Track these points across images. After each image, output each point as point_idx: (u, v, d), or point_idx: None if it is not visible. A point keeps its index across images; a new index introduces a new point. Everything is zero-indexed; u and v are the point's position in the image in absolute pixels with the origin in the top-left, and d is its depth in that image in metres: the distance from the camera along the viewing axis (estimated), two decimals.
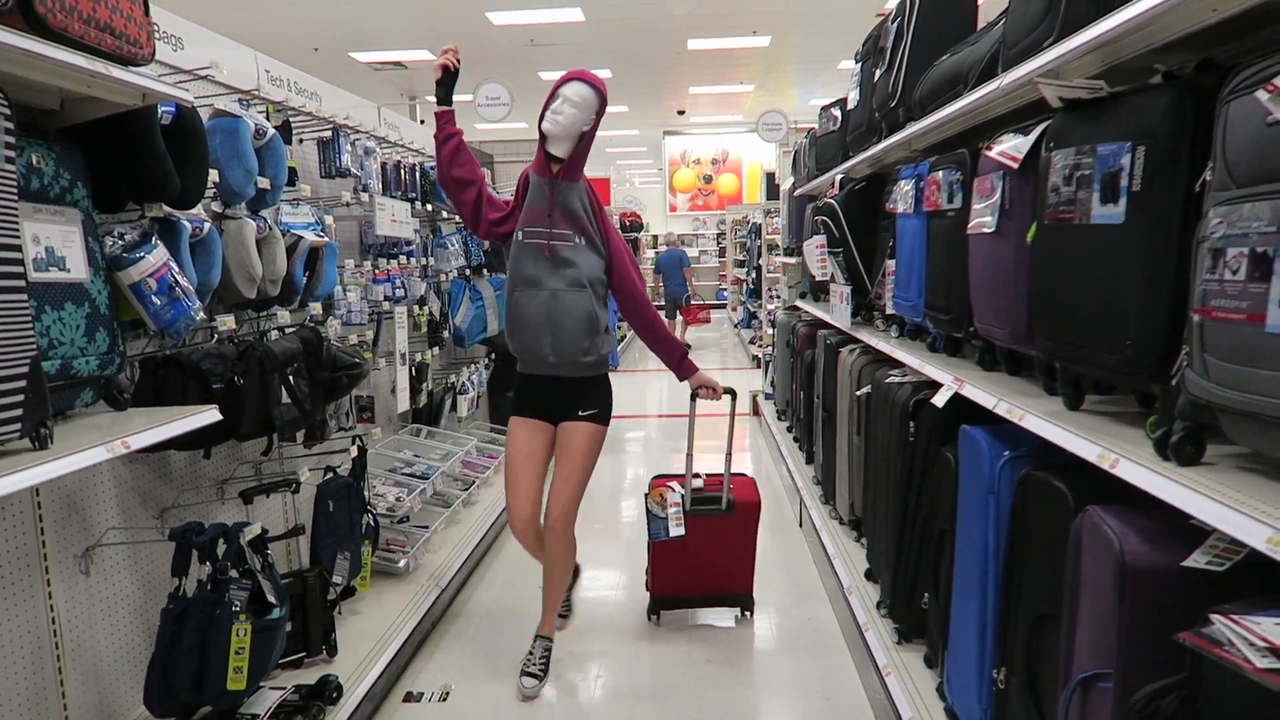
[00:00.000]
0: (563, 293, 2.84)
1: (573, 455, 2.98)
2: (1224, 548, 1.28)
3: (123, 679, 2.51)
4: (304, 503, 3.25)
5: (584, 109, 2.80)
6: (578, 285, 2.85)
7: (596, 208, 2.94)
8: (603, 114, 2.88)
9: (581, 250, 2.87)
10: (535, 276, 2.86)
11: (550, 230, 2.85)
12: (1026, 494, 1.88)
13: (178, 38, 2.74)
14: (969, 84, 2.39)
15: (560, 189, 2.86)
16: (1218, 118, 1.28)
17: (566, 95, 2.80)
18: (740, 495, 3.50)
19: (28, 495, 2.17)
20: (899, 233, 2.97)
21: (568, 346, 2.88)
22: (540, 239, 2.85)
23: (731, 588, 3.63)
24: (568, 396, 2.99)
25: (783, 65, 12.71)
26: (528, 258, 2.87)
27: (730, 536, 3.51)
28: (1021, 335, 2.01)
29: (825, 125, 4.69)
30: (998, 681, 1.99)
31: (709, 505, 3.43)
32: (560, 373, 2.95)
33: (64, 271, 1.88)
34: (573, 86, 2.80)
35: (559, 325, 2.85)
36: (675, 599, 3.62)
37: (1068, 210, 1.67)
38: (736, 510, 3.45)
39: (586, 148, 2.88)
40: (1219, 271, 1.21)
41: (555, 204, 2.85)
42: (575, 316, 2.85)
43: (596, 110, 2.84)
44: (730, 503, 3.45)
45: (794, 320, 5.64)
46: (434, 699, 3.05)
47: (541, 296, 2.85)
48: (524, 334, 2.91)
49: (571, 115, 2.79)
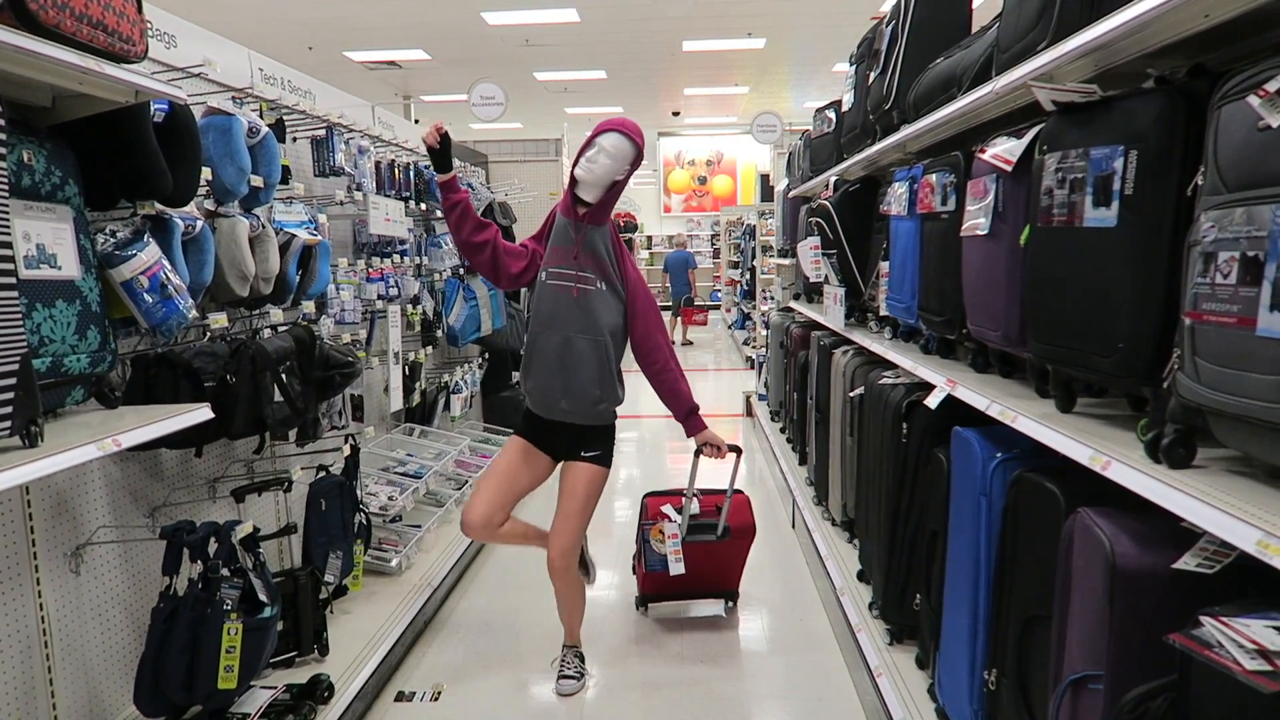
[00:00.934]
0: (579, 339, 2.84)
1: (574, 496, 2.94)
2: (1214, 550, 1.28)
3: (113, 678, 2.50)
4: (296, 501, 3.24)
5: (619, 160, 2.80)
6: (596, 332, 2.85)
7: (619, 252, 2.93)
8: (638, 165, 2.88)
9: (602, 295, 2.86)
10: (554, 318, 2.85)
11: (575, 273, 2.84)
12: (1018, 496, 1.89)
13: (171, 35, 2.73)
14: (963, 87, 2.39)
15: (585, 232, 2.85)
16: (1209, 122, 1.29)
17: (603, 146, 2.79)
18: (735, 519, 3.46)
19: (17, 494, 2.16)
20: (893, 235, 2.97)
21: (580, 395, 2.87)
22: (563, 280, 2.84)
23: (719, 587, 3.70)
24: (573, 438, 2.97)
25: (777, 67, 12.73)
26: (549, 298, 2.85)
27: (722, 558, 3.54)
28: (1014, 337, 2.02)
29: (820, 127, 4.70)
30: (989, 683, 2.00)
31: (705, 532, 3.41)
32: (571, 419, 2.93)
33: (55, 269, 1.87)
34: (610, 138, 2.79)
35: (573, 373, 2.85)
36: (662, 595, 3.67)
37: (1061, 213, 1.68)
38: (731, 535, 3.44)
39: (616, 195, 2.88)
40: (1210, 275, 1.22)
41: (580, 247, 2.84)
42: (589, 365, 2.85)
43: (631, 161, 2.84)
44: (726, 530, 3.42)
45: (788, 321, 5.65)
46: (426, 699, 3.04)
47: (557, 340, 2.84)
48: (539, 378, 2.89)
49: (606, 166, 2.79)
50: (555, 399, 2.88)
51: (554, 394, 2.87)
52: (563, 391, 2.86)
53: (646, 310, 2.94)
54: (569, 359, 2.83)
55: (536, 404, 2.95)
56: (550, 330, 2.85)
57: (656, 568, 3.39)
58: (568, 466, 2.98)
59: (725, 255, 15.80)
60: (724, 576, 3.64)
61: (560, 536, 2.94)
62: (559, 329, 2.84)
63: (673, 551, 3.33)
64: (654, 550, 3.40)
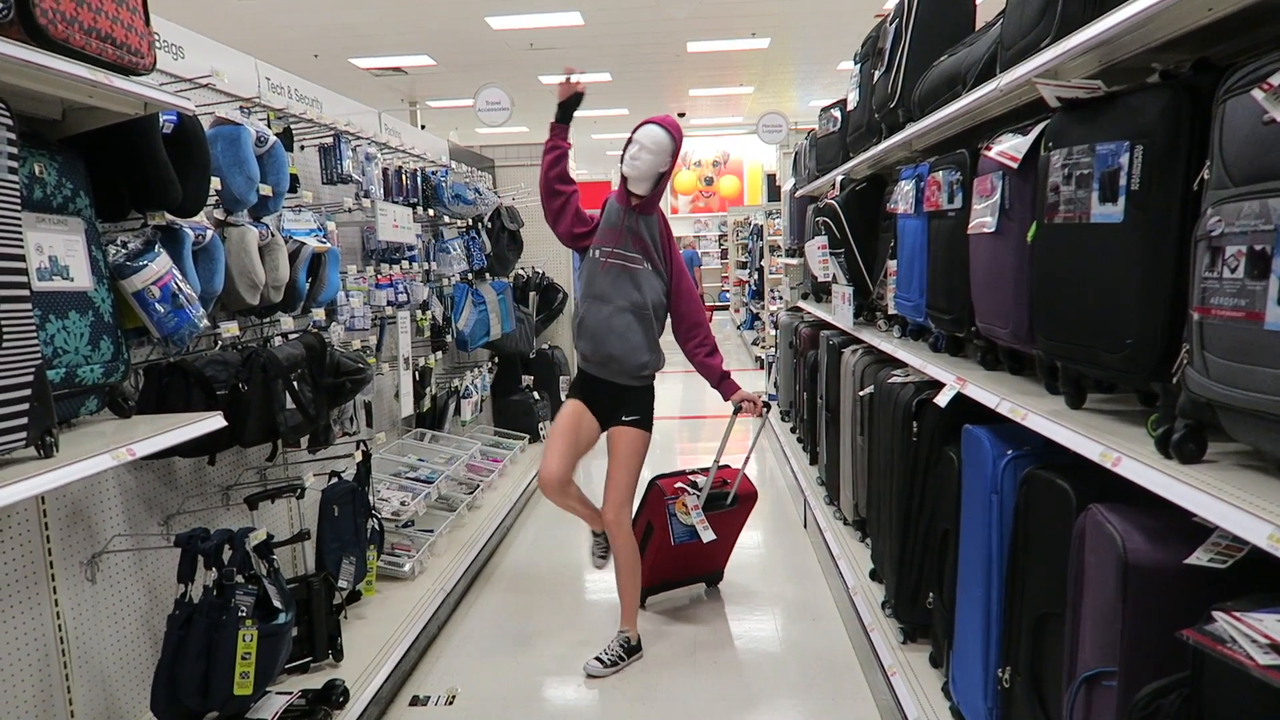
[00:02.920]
0: (626, 311, 3.15)
1: (620, 458, 3.23)
2: (1226, 545, 1.28)
3: (129, 686, 2.52)
4: (309, 508, 3.25)
5: (659, 153, 3.07)
6: (639, 306, 3.15)
7: (666, 239, 3.25)
8: (678, 154, 3.16)
9: (647, 274, 3.17)
10: (603, 292, 3.16)
11: (622, 252, 3.15)
12: (1029, 493, 1.89)
13: (179, 46, 2.75)
14: (968, 84, 2.39)
15: (636, 218, 3.16)
16: (1214, 117, 1.28)
17: (641, 141, 3.07)
18: (742, 488, 3.75)
19: (33, 503, 2.18)
20: (900, 233, 2.97)
21: (625, 358, 3.17)
22: (612, 259, 3.15)
23: (711, 568, 3.94)
24: (616, 400, 3.24)
25: (782, 67, 12.72)
26: (599, 274, 3.17)
27: (726, 526, 3.74)
28: (1023, 335, 2.01)
29: (825, 126, 4.70)
30: (1002, 680, 2.00)
31: (717, 501, 3.67)
32: (616, 379, 3.23)
33: (68, 280, 1.89)
34: (646, 131, 3.07)
35: (620, 339, 3.15)
36: (659, 585, 3.84)
37: (1067, 209, 1.67)
38: (739, 502, 3.74)
39: (664, 187, 3.18)
40: (1218, 269, 1.21)
41: (628, 230, 3.15)
42: (634, 332, 3.16)
43: (672, 153, 3.11)
44: (735, 496, 3.71)
45: (796, 321, 5.65)
46: (440, 702, 3.05)
47: (606, 311, 3.16)
48: (590, 342, 3.21)
49: (648, 160, 3.07)
50: (604, 360, 3.19)
51: (602, 356, 3.19)
52: (609, 355, 3.17)
53: (689, 291, 3.30)
54: (616, 326, 3.15)
55: (589, 362, 3.27)
56: (601, 302, 3.17)
57: (685, 539, 3.59)
58: (612, 432, 3.26)
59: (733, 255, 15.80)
60: (719, 554, 3.90)
61: (610, 494, 3.24)
62: (608, 300, 3.16)
63: (699, 521, 3.53)
64: (680, 523, 3.59)
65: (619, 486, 3.23)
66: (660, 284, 3.21)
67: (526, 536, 4.86)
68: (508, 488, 5.09)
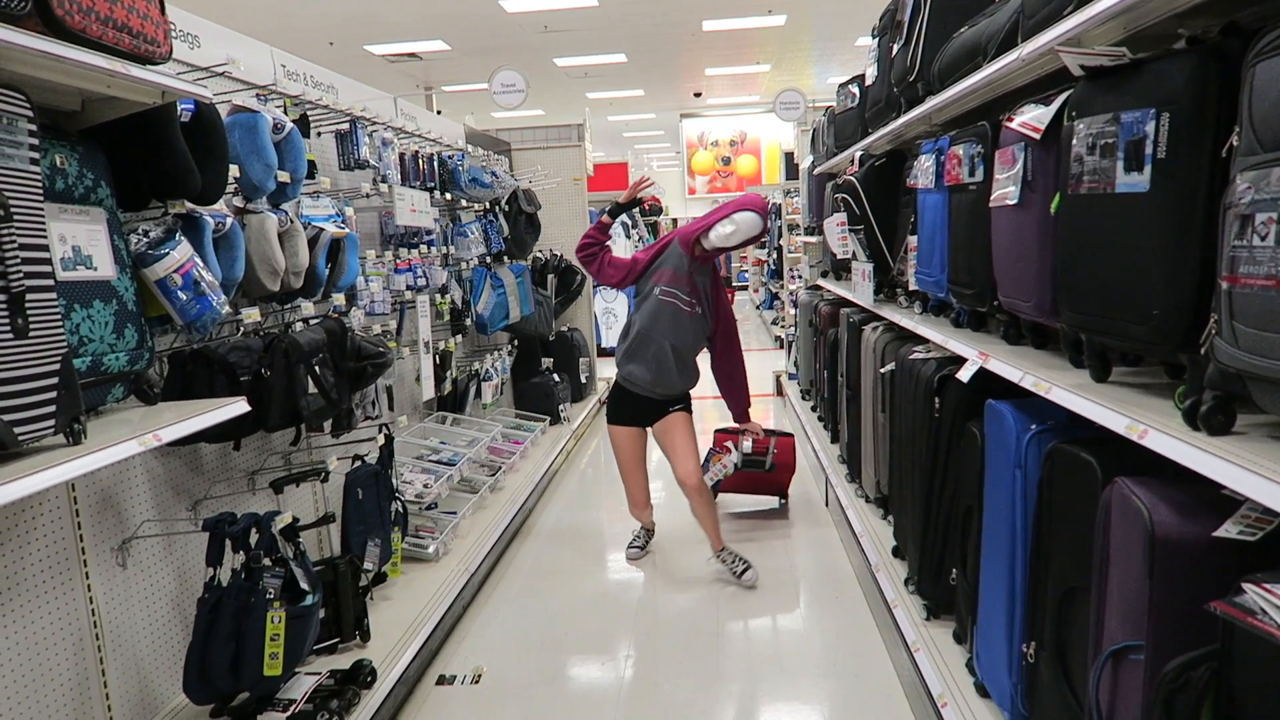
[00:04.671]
0: (679, 348, 3.63)
1: (678, 435, 3.76)
2: (1256, 517, 1.26)
3: (162, 668, 2.56)
4: (333, 491, 3.28)
5: (749, 233, 3.54)
6: (686, 344, 3.66)
7: (715, 288, 3.74)
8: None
9: (698, 319, 3.64)
10: (662, 329, 3.60)
11: (682, 295, 3.59)
12: (1054, 468, 1.87)
13: (194, 35, 2.76)
14: (988, 55, 2.35)
15: (696, 267, 3.65)
16: (1244, 82, 1.25)
17: (738, 225, 3.51)
18: (780, 459, 4.53)
19: (64, 490, 2.22)
20: (920, 208, 2.94)
21: (670, 384, 3.72)
22: (670, 299, 3.59)
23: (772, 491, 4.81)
24: (661, 408, 3.79)
25: (799, 44, 12.57)
26: (661, 310, 3.60)
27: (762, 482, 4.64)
28: (1046, 308, 1.99)
29: (843, 102, 4.64)
30: (1027, 656, 1.99)
31: (756, 463, 4.46)
32: (663, 397, 3.76)
33: (91, 270, 1.91)
34: (746, 218, 3.51)
35: (669, 370, 3.66)
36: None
37: (1092, 180, 1.65)
38: (777, 470, 4.54)
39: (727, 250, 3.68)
40: (1247, 237, 1.19)
41: (687, 276, 3.60)
42: (681, 365, 3.69)
43: (757, 235, 3.57)
44: (773, 464, 4.50)
45: (816, 299, 5.61)
46: (467, 681, 3.09)
47: (657, 347, 3.62)
48: (639, 367, 3.67)
49: (738, 240, 3.56)
50: (651, 385, 3.69)
51: (649, 382, 3.68)
52: (655, 382, 3.68)
53: (731, 333, 3.82)
54: (664, 360, 3.63)
55: (634, 384, 3.72)
56: (652, 337, 3.62)
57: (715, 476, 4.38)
58: (665, 421, 3.77)
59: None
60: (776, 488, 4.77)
61: (682, 464, 3.73)
62: (661, 337, 3.61)
63: (714, 474, 4.34)
64: (709, 468, 4.31)
65: (687, 457, 3.74)
66: (706, 325, 3.71)
67: (549, 518, 4.89)
68: (529, 470, 5.12)
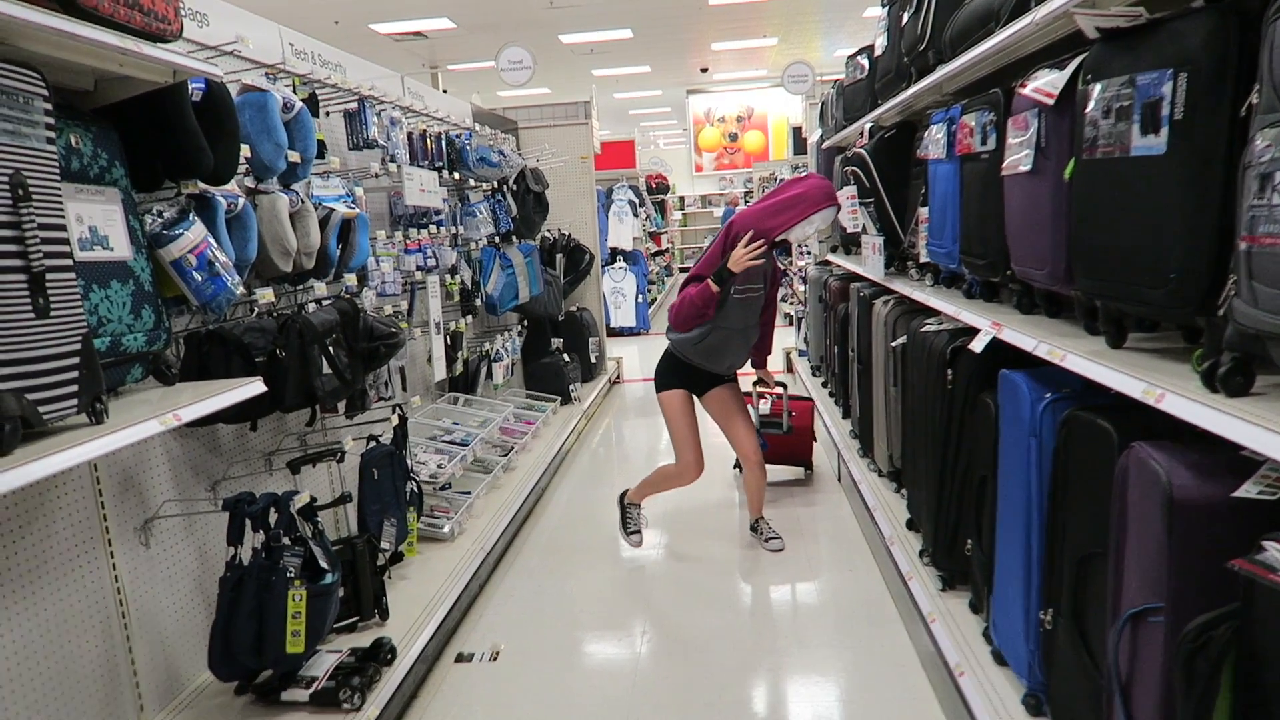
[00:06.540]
0: (746, 329, 3.70)
1: (738, 413, 3.85)
2: (1277, 477, 1.26)
3: (187, 645, 2.60)
4: (349, 472, 3.31)
5: (826, 225, 3.60)
6: (754, 323, 3.74)
7: (774, 266, 3.78)
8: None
9: (761, 296, 3.70)
10: (733, 322, 3.61)
11: (753, 285, 3.62)
12: (1070, 435, 1.87)
13: (203, 14, 2.75)
14: (1000, 21, 2.33)
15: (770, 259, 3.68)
16: (1264, 39, 1.24)
17: (817, 223, 3.52)
18: (799, 422, 4.68)
19: (87, 471, 2.24)
20: (931, 179, 2.92)
21: (735, 363, 3.82)
22: (744, 294, 3.60)
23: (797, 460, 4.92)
24: (719, 378, 3.83)
25: (806, 16, 12.44)
26: (735, 307, 3.59)
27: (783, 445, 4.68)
28: (1061, 276, 1.98)
29: (853, 74, 4.61)
30: (1045, 622, 2.00)
31: (774, 425, 4.49)
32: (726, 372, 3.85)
33: (108, 250, 1.92)
34: (826, 213, 3.50)
35: (738, 352, 3.76)
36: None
37: (1107, 144, 1.64)
38: (795, 433, 4.63)
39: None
40: (1267, 196, 1.18)
41: (760, 269, 3.56)
42: (747, 345, 3.79)
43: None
44: (790, 427, 4.56)
45: (826, 275, 5.60)
46: (485, 659, 3.12)
47: (734, 334, 3.66)
48: (718, 360, 3.71)
49: (817, 231, 3.64)
50: (720, 365, 3.76)
51: (724, 368, 3.79)
52: (730, 366, 3.81)
53: (775, 297, 3.88)
54: (734, 343, 3.71)
55: (701, 361, 3.72)
56: (733, 332, 3.65)
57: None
58: (712, 395, 3.83)
59: None
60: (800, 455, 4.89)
61: (747, 441, 3.84)
62: (741, 328, 3.67)
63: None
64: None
65: (751, 433, 3.84)
66: (764, 302, 3.77)
67: (562, 496, 4.91)
68: (541, 449, 5.14)
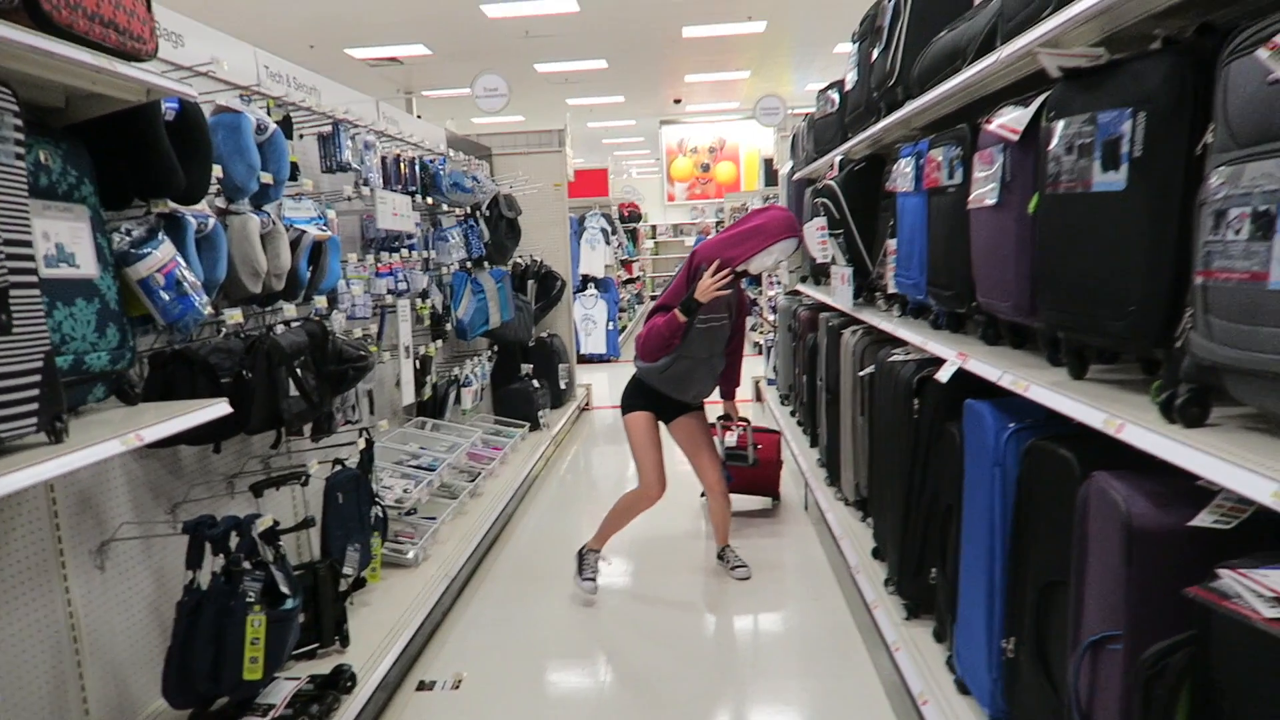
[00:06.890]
0: (711, 359, 3.72)
1: (703, 443, 3.88)
2: (1231, 506, 1.29)
3: (140, 671, 2.53)
4: (313, 496, 3.26)
5: (786, 256, 3.62)
6: (719, 351, 3.75)
7: (740, 296, 3.80)
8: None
9: (725, 327, 3.72)
10: (696, 352, 3.63)
11: (717, 316, 3.64)
12: (1032, 464, 1.90)
13: (178, 34, 2.74)
14: (968, 59, 2.39)
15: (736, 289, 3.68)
16: (1218, 80, 1.29)
17: (777, 255, 3.51)
18: (764, 455, 4.65)
19: (43, 491, 2.19)
20: (899, 211, 2.97)
21: (701, 392, 3.84)
22: (707, 323, 3.62)
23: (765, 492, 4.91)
24: (685, 406, 3.85)
25: (779, 50, 12.67)
26: (698, 338, 3.60)
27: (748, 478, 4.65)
28: (1025, 307, 2.02)
29: (823, 108, 4.68)
30: (1007, 651, 2.01)
31: (740, 458, 4.49)
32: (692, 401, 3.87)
33: (74, 268, 1.89)
34: (785, 245, 3.50)
35: (703, 382, 3.79)
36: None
37: (1069, 179, 1.68)
38: (760, 465, 4.62)
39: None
40: (1222, 232, 1.22)
41: (724, 299, 3.58)
42: (712, 375, 3.80)
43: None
44: (755, 459, 4.56)
45: (795, 305, 5.65)
46: (447, 687, 3.08)
47: (698, 363, 3.68)
48: (682, 388, 3.73)
49: (777, 262, 3.58)
50: (686, 394, 3.78)
51: (690, 396, 3.81)
52: (696, 395, 3.83)
53: (743, 326, 3.92)
54: (699, 373, 3.73)
55: (667, 389, 3.74)
56: (698, 361, 3.67)
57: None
58: (678, 423, 3.85)
59: None
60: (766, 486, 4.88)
61: (711, 472, 3.87)
62: (705, 357, 3.69)
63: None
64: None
65: (715, 463, 3.88)
66: (730, 330, 3.78)
67: (529, 523, 4.88)
68: (509, 475, 5.10)
